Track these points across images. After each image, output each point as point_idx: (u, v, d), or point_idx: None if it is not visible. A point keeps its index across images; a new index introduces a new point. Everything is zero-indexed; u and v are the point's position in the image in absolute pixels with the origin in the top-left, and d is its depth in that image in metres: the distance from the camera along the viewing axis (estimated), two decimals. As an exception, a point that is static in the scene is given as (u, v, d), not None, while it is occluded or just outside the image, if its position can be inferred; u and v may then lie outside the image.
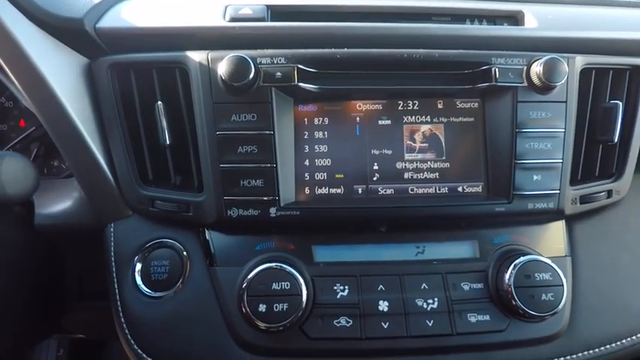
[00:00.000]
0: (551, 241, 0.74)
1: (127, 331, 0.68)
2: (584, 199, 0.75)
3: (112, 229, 0.73)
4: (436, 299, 0.67)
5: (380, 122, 0.72)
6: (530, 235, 0.73)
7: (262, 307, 0.62)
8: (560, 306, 0.65)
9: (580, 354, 0.68)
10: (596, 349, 0.68)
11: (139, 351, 0.67)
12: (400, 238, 0.72)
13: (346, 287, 0.67)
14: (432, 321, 0.66)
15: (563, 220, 0.75)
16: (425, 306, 0.67)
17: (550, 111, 0.71)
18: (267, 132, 0.67)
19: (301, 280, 0.64)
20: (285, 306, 0.62)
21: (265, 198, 0.67)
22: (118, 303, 0.69)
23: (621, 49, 0.76)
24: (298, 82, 0.67)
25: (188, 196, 0.70)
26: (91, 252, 0.78)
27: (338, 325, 0.65)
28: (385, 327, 0.65)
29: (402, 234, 0.72)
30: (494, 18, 0.78)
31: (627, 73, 0.75)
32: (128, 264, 0.71)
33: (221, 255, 0.70)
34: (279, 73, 0.67)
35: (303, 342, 0.65)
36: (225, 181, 0.68)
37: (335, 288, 0.67)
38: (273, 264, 0.65)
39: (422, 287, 0.68)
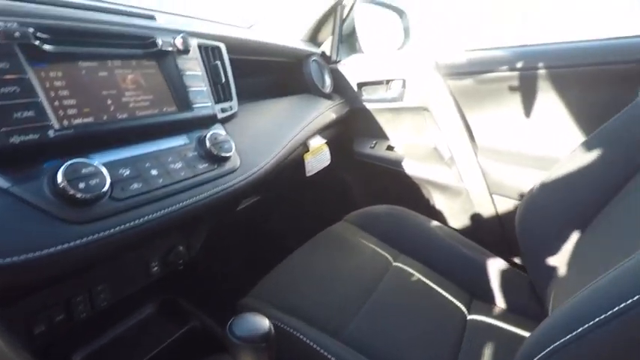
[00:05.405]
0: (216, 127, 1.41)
1: None
2: (224, 110, 1.47)
3: None
4: (179, 163, 1.18)
5: (100, 74, 1.11)
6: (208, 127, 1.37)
7: (81, 185, 0.90)
8: (233, 150, 1.32)
9: (250, 172, 1.39)
10: (261, 165, 1.44)
11: None
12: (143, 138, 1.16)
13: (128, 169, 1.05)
14: (182, 172, 1.17)
15: (219, 123, 1.45)
16: (174, 166, 1.16)
17: (192, 63, 1.36)
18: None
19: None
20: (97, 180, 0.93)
21: (39, 124, 0.91)
22: None
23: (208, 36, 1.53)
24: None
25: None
26: None
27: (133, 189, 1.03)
28: (160, 182, 1.10)
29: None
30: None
31: (214, 49, 1.53)
32: None
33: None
34: (17, 34, 0.92)
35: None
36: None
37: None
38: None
39: (169, 160, 1.16)
